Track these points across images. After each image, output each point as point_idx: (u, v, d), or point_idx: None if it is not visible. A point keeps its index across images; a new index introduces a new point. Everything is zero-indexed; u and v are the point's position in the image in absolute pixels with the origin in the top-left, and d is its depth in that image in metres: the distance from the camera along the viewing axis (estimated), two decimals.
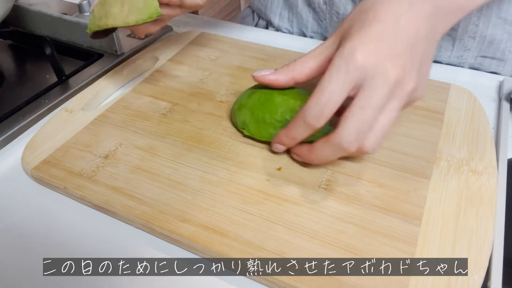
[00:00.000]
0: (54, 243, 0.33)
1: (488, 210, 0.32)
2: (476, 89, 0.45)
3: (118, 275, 0.31)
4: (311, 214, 0.32)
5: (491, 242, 0.30)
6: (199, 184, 0.35)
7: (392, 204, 0.33)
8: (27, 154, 0.39)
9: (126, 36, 0.58)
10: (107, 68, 0.52)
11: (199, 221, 0.32)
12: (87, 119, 0.43)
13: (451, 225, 0.32)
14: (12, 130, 0.43)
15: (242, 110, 0.39)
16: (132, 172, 0.36)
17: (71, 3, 0.67)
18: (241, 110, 0.39)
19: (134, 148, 0.39)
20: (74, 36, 0.56)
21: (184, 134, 0.40)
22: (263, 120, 0.37)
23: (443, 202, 0.33)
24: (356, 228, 0.31)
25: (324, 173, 0.36)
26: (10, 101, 0.47)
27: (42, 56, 0.51)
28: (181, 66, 0.51)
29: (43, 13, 0.57)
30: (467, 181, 0.35)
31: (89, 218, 0.35)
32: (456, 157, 0.37)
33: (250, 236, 0.31)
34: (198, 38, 0.56)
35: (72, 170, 0.37)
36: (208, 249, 0.31)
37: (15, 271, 0.31)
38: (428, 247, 0.30)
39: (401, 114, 0.41)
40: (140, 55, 0.53)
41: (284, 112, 0.36)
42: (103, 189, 0.35)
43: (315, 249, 0.30)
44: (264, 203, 0.33)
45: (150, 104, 0.45)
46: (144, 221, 0.33)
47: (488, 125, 0.40)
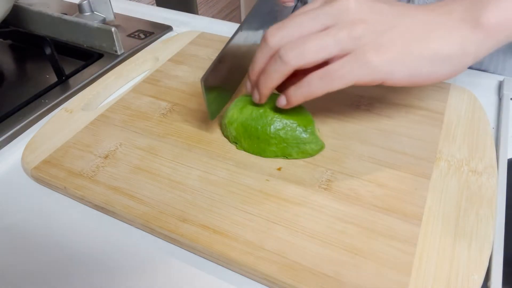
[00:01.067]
0: (54, 243, 0.33)
1: (488, 210, 0.32)
2: (476, 89, 0.45)
3: (118, 275, 0.31)
4: (311, 214, 0.32)
5: (491, 242, 0.30)
6: (199, 184, 0.35)
7: (392, 204, 0.33)
8: (27, 154, 0.39)
9: (126, 36, 0.58)
10: (107, 68, 0.52)
11: (199, 221, 0.32)
12: (87, 119, 0.43)
13: (451, 225, 0.32)
14: (12, 130, 0.43)
15: (233, 124, 0.38)
16: (132, 172, 0.36)
17: (71, 3, 0.67)
18: (232, 125, 0.38)
19: (134, 148, 0.39)
20: (74, 36, 0.56)
21: (184, 134, 0.40)
22: (256, 136, 0.37)
23: (443, 202, 0.33)
24: (356, 228, 0.31)
25: (324, 173, 0.36)
26: (10, 101, 0.47)
27: (42, 56, 0.51)
28: (181, 66, 0.51)
29: (43, 13, 0.57)
30: (467, 181, 0.35)
31: (89, 218, 0.35)
32: (456, 157, 0.37)
33: (250, 236, 0.31)
34: (198, 38, 0.56)
35: (72, 170, 0.37)
36: (208, 249, 0.31)
37: (15, 271, 0.31)
38: (428, 247, 0.30)
39: (401, 114, 0.41)
40: (140, 55, 0.53)
41: (278, 128, 0.36)
42: (103, 189, 0.35)
43: (315, 249, 0.30)
44: (264, 203, 0.33)
45: (150, 104, 0.45)
46: (144, 221, 0.33)
47: (488, 125, 0.40)
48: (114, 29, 0.53)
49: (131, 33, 0.59)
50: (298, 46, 0.31)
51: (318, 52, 0.31)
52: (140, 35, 0.58)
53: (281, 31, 0.32)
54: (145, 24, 0.61)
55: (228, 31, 0.58)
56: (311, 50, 0.31)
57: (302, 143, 0.36)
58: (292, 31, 0.32)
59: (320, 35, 0.31)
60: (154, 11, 0.67)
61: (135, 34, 0.58)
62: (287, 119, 0.36)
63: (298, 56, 0.31)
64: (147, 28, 0.60)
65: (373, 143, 0.38)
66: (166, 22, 0.61)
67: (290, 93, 0.34)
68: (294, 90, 0.33)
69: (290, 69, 0.32)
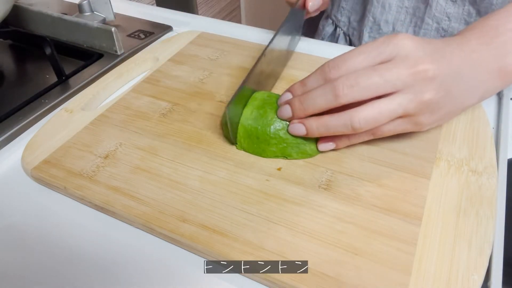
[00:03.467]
0: (54, 243, 0.33)
1: (488, 210, 0.32)
2: None
3: (118, 275, 0.31)
4: (311, 214, 0.32)
5: (491, 242, 0.30)
6: (199, 184, 0.35)
7: (392, 204, 0.33)
8: (27, 154, 0.39)
9: (126, 36, 0.58)
10: (107, 68, 0.52)
11: (199, 221, 0.32)
12: (87, 119, 0.43)
13: (451, 225, 0.32)
14: (12, 130, 0.43)
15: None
16: (132, 172, 0.36)
17: (71, 3, 0.67)
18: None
19: (134, 148, 0.39)
20: (74, 36, 0.56)
21: (184, 134, 0.40)
22: (256, 136, 0.37)
23: (443, 202, 0.33)
24: (356, 228, 0.31)
25: (324, 173, 0.36)
26: (10, 101, 0.47)
27: (42, 56, 0.51)
28: (181, 66, 0.51)
29: (43, 13, 0.57)
30: (467, 181, 0.35)
31: (89, 218, 0.35)
32: (456, 157, 0.37)
33: (250, 236, 0.31)
34: (198, 38, 0.56)
35: (72, 170, 0.37)
36: (208, 249, 0.30)
37: (14, 271, 0.31)
38: (428, 247, 0.30)
39: None
40: (140, 55, 0.53)
41: (278, 128, 0.36)
42: (103, 189, 0.35)
43: (315, 249, 0.30)
44: (264, 203, 0.33)
45: (150, 104, 0.45)
46: (144, 221, 0.33)
47: (488, 125, 0.40)
48: (114, 29, 0.53)
49: (131, 33, 0.59)
50: (355, 84, 0.31)
51: (372, 95, 0.32)
52: (140, 35, 0.58)
53: (344, 65, 0.33)
54: (145, 24, 0.61)
55: (228, 31, 0.58)
56: (366, 93, 0.32)
57: (302, 143, 0.36)
58: (352, 66, 0.32)
59: (380, 81, 0.31)
60: (154, 11, 0.67)
61: (135, 34, 0.58)
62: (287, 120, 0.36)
63: (351, 94, 0.32)
64: (147, 28, 0.60)
65: (373, 143, 0.38)
66: (166, 22, 0.61)
67: (320, 129, 0.34)
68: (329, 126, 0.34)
69: (337, 105, 0.32)
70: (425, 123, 0.34)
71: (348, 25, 0.65)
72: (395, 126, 0.34)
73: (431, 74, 0.31)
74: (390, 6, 0.57)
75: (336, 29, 0.68)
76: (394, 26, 0.58)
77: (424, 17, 0.54)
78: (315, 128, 0.34)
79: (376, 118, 0.32)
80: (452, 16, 0.51)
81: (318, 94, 0.33)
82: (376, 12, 0.59)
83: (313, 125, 0.34)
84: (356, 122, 0.32)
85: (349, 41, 0.67)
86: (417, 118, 0.33)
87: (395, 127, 0.34)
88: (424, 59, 0.31)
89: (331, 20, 0.68)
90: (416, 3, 0.55)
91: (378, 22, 0.59)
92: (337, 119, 0.33)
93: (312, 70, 0.35)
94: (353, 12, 0.64)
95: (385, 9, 0.57)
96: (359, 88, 0.31)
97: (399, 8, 0.56)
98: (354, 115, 0.32)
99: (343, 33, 0.67)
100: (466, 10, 0.50)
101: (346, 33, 0.66)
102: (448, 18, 0.52)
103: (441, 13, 0.52)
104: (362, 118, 0.32)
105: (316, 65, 0.36)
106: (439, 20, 0.53)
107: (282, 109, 0.36)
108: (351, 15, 0.64)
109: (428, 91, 0.32)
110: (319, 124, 0.34)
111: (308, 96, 0.34)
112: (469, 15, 0.51)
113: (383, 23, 0.59)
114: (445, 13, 0.52)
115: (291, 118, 0.36)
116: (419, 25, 0.55)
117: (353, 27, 0.64)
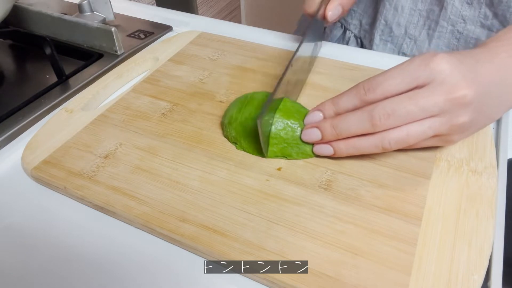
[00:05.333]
0: (54, 243, 0.33)
1: (488, 210, 0.32)
2: None
3: (118, 275, 0.31)
4: (311, 214, 0.32)
5: (491, 242, 0.30)
6: (199, 184, 0.35)
7: (392, 204, 0.33)
8: (27, 154, 0.39)
9: (126, 36, 0.58)
10: (107, 68, 0.52)
11: (199, 221, 0.32)
12: (87, 119, 0.43)
13: (451, 225, 0.32)
14: (12, 130, 0.43)
15: (233, 124, 0.38)
16: (132, 172, 0.36)
17: (71, 3, 0.67)
18: (232, 125, 0.38)
19: (134, 148, 0.39)
20: (74, 36, 0.56)
21: (184, 134, 0.40)
22: (256, 136, 0.36)
23: (443, 202, 0.33)
24: (356, 228, 0.31)
25: (324, 173, 0.36)
26: (10, 101, 0.47)
27: (42, 56, 0.51)
28: (181, 66, 0.51)
29: (43, 13, 0.57)
30: (467, 181, 0.35)
31: (89, 218, 0.35)
32: (456, 157, 0.37)
33: (250, 236, 0.31)
34: (198, 38, 0.56)
35: (72, 170, 0.37)
36: (208, 249, 0.31)
37: (14, 271, 0.31)
38: (428, 247, 0.30)
39: None
40: (140, 55, 0.53)
41: (278, 128, 0.36)
42: (103, 189, 0.35)
43: (315, 249, 0.30)
44: (264, 203, 0.33)
45: (150, 104, 0.45)
46: (144, 221, 0.33)
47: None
48: (114, 29, 0.53)
49: (131, 33, 0.59)
50: (391, 113, 0.31)
51: (408, 122, 0.32)
52: (140, 35, 0.58)
53: (380, 88, 0.32)
54: (145, 24, 0.61)
55: (228, 31, 0.58)
56: (402, 122, 0.32)
57: (302, 143, 0.36)
58: (388, 90, 0.32)
59: (416, 110, 0.31)
60: (154, 11, 0.67)
61: (135, 34, 0.58)
62: (287, 120, 0.36)
63: (387, 123, 0.32)
64: (147, 28, 0.60)
65: None
66: (166, 22, 0.61)
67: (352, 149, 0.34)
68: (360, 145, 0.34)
69: (371, 132, 0.33)
70: (455, 140, 0.34)
71: (360, 28, 0.65)
72: (424, 143, 0.34)
73: (469, 99, 0.31)
74: (403, 9, 0.56)
75: (346, 32, 0.67)
76: (407, 29, 0.58)
77: (438, 19, 0.54)
78: (344, 149, 0.34)
79: (406, 140, 0.32)
80: (467, 18, 0.51)
81: (354, 121, 0.33)
82: (388, 15, 0.58)
83: (342, 147, 0.34)
84: (387, 143, 0.32)
85: (361, 44, 0.66)
86: (448, 137, 0.33)
87: (424, 144, 0.34)
88: (460, 84, 0.31)
89: (340, 23, 0.68)
90: (430, 6, 0.54)
91: (390, 25, 0.59)
92: (368, 141, 0.33)
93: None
94: (365, 15, 0.63)
95: (397, 12, 0.57)
96: (396, 116, 0.31)
97: (412, 11, 0.56)
98: (385, 137, 0.32)
99: (354, 36, 0.66)
100: (483, 13, 0.50)
101: (357, 36, 0.66)
102: (463, 20, 0.52)
103: (456, 16, 0.52)
104: (393, 140, 0.32)
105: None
106: (454, 23, 0.53)
107: (310, 133, 0.35)
108: (362, 18, 0.64)
109: (463, 115, 0.31)
110: (348, 145, 0.34)
111: (342, 121, 0.34)
112: (486, 18, 0.50)
113: (395, 26, 0.58)
114: (460, 15, 0.52)
115: (318, 142, 0.36)
116: (433, 27, 0.55)
117: (365, 30, 0.64)
